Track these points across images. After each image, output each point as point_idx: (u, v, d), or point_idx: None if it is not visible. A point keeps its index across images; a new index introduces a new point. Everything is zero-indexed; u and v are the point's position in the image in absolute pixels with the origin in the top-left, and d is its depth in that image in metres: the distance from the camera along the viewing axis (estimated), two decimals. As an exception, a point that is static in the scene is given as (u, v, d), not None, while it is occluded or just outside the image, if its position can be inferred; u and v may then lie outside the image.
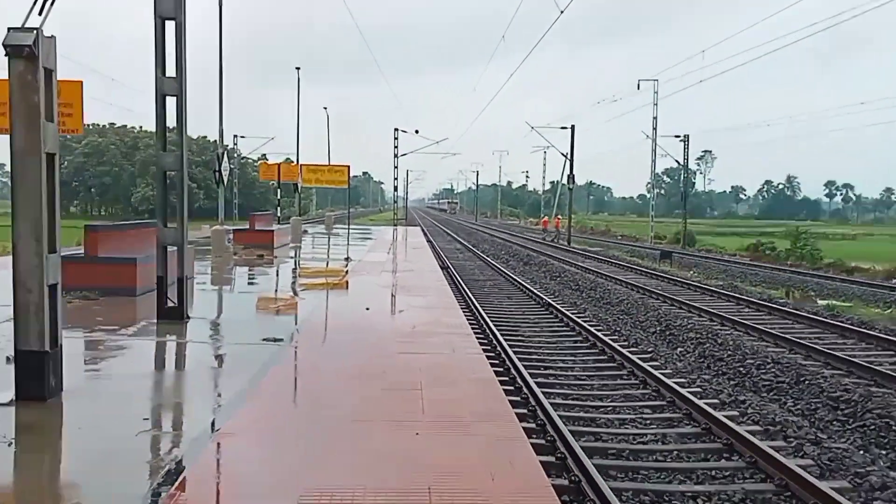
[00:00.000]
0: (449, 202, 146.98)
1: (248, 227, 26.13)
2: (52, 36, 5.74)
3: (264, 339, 8.65)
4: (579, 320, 14.02)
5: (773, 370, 10.60)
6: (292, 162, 52.25)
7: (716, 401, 9.12)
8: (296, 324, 10.40)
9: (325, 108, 48.29)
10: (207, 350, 8.40)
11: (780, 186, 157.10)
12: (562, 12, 18.14)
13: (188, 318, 9.76)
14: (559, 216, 55.34)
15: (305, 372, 7.55)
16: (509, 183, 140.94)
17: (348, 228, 41.12)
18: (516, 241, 43.94)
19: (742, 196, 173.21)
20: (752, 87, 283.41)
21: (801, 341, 12.29)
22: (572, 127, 44.08)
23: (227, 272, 17.41)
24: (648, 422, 8.23)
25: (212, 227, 24.08)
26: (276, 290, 14.67)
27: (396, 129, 49.11)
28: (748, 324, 14.05)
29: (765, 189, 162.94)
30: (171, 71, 9.16)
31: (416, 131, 49.75)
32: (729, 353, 11.77)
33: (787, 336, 12.68)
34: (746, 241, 45.55)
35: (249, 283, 16.06)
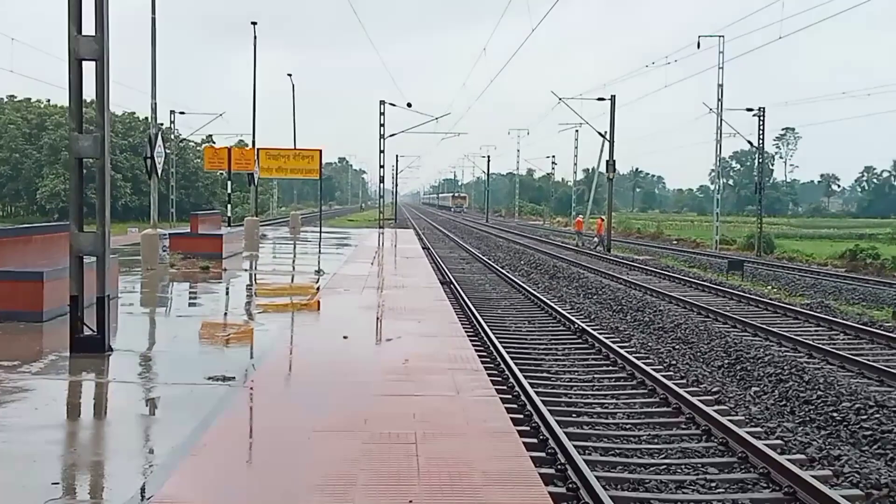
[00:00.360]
0: (455, 197, 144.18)
1: (189, 230, 26.18)
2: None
3: (210, 378, 8.63)
4: (622, 351, 14.01)
5: (877, 416, 10.57)
6: (246, 146, 52.47)
7: (802, 456, 9.09)
8: (251, 358, 10.39)
9: (290, 76, 48.22)
10: (136, 392, 8.38)
11: (886, 175, 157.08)
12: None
13: (111, 350, 9.74)
14: (601, 216, 51.03)
15: (263, 421, 7.54)
16: (530, 171, 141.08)
17: (320, 232, 41.18)
18: (540, 247, 44.01)
19: (835, 187, 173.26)
20: (849, 45, 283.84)
21: (914, 378, 12.27)
22: (612, 98, 44.27)
23: (162, 290, 17.40)
24: (714, 484, 8.21)
25: (142, 232, 24.10)
26: (225, 314, 14.67)
27: (382, 103, 49.25)
28: (844, 355, 14.00)
29: (864, 178, 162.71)
30: (89, 28, 9.19)
31: (409, 105, 49.61)
32: (819, 393, 11.75)
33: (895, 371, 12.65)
34: (840, 247, 45.58)
35: (191, 305, 16.07)
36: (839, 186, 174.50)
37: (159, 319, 13.98)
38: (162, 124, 55.80)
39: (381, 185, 56.16)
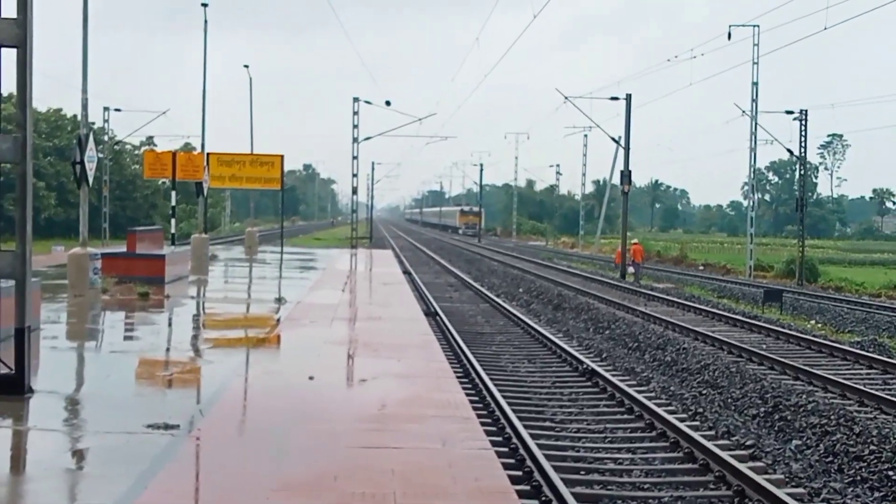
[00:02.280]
0: (465, 213, 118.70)
1: (125, 249, 26.09)
2: None
3: (149, 426, 8.60)
4: (639, 396, 14.02)
5: (941, 475, 10.60)
6: (195, 150, 52.47)
7: (852, 523, 9.11)
8: (198, 402, 10.35)
9: (247, 67, 48.41)
10: (61, 443, 8.33)
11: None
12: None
13: (31, 391, 9.69)
14: (636, 241, 45.33)
15: (212, 478, 7.50)
16: (530, 183, 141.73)
17: (281, 252, 41.15)
18: (542, 272, 44.09)
19: (889, 205, 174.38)
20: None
21: (983, 430, 12.31)
22: (627, 98, 44.53)
23: (93, 320, 17.34)
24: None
25: (69, 251, 24.00)
26: (168, 350, 14.63)
27: (356, 100, 49.44)
28: (901, 403, 14.06)
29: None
30: (10, 9, 9.21)
31: (388, 103, 49.79)
32: (871, 448, 11.77)
33: (960, 422, 12.70)
34: (896, 275, 45.88)
35: (127, 338, 16.01)
36: (895, 204, 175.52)
37: (89, 356, 13.91)
38: (94, 124, 55.94)
39: (354, 196, 56.15)
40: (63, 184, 67.25)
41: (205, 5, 37.60)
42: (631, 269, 42.67)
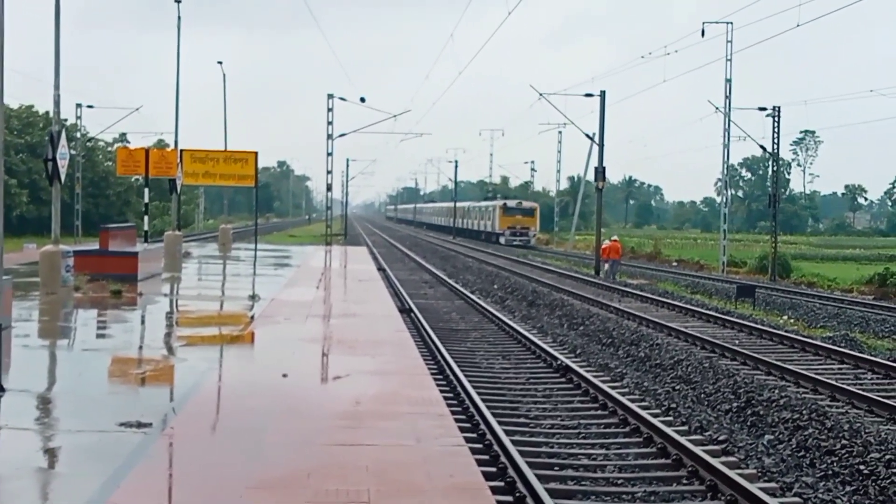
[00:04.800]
0: (510, 209, 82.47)
1: (97, 247, 25.92)
2: None
3: (122, 425, 8.58)
4: (613, 392, 14.08)
5: (911, 469, 10.69)
6: (168, 146, 52.22)
7: (823, 517, 9.18)
8: (171, 400, 10.33)
9: (220, 63, 48.12)
10: (33, 442, 8.29)
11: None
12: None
13: (3, 390, 9.65)
14: (615, 238, 44.55)
15: (186, 476, 7.48)
16: (505, 179, 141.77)
17: (255, 249, 41.02)
18: (516, 269, 44.16)
19: (861, 201, 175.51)
20: (881, 36, 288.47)
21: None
22: (602, 94, 44.69)
23: (65, 318, 17.24)
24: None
25: (41, 248, 23.84)
26: (140, 348, 14.57)
27: (331, 97, 49.34)
28: (872, 398, 14.17)
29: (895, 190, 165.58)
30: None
31: (363, 100, 49.78)
32: (843, 442, 11.86)
33: (930, 416, 12.83)
34: (868, 271, 46.23)
35: (100, 336, 15.92)
36: (866, 200, 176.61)
37: (61, 354, 13.83)
38: (66, 120, 55.45)
39: (329, 193, 56.09)
40: (35, 181, 66.70)
41: (178, 2, 37.42)
42: (607, 266, 42.75)
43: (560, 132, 79.87)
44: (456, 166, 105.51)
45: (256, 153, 40.05)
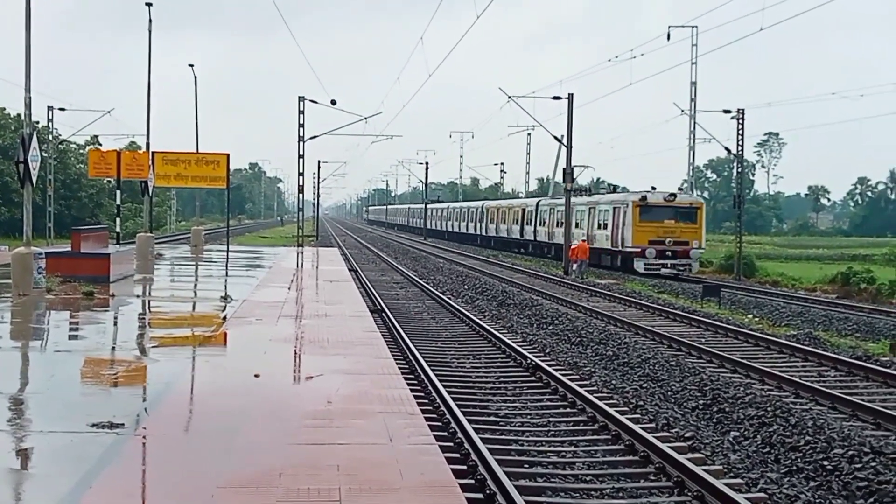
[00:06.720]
0: (642, 208, 46.32)
1: (69, 249, 25.72)
2: None
3: (94, 426, 8.53)
4: (582, 390, 14.12)
5: (873, 465, 10.80)
6: (140, 148, 51.86)
7: (788, 512, 9.25)
8: (144, 400, 10.28)
9: (192, 66, 47.89)
10: (5, 443, 8.22)
11: (882, 187, 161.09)
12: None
13: (-27, 392, 9.55)
14: (584, 239, 45.85)
15: (158, 476, 7.43)
16: (475, 181, 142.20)
17: (227, 251, 40.84)
18: (487, 269, 44.20)
19: (824, 201, 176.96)
20: (841, 40, 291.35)
21: (913, 420, 12.57)
22: (570, 97, 44.86)
23: (37, 320, 17.11)
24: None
25: (12, 250, 23.64)
26: (113, 349, 14.48)
27: (302, 99, 49.16)
28: (835, 395, 14.30)
29: (858, 191, 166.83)
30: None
31: (333, 102, 49.54)
32: (807, 438, 11.96)
33: (894, 413, 12.94)
34: (831, 270, 46.59)
35: (72, 338, 15.80)
36: (829, 200, 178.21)
37: (33, 355, 13.73)
38: (38, 122, 54.99)
39: (301, 195, 55.91)
40: (7, 183, 66.10)
41: (149, 5, 37.21)
42: (576, 266, 42.85)
43: (529, 134, 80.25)
44: (426, 169, 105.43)
45: (228, 155, 39.89)
